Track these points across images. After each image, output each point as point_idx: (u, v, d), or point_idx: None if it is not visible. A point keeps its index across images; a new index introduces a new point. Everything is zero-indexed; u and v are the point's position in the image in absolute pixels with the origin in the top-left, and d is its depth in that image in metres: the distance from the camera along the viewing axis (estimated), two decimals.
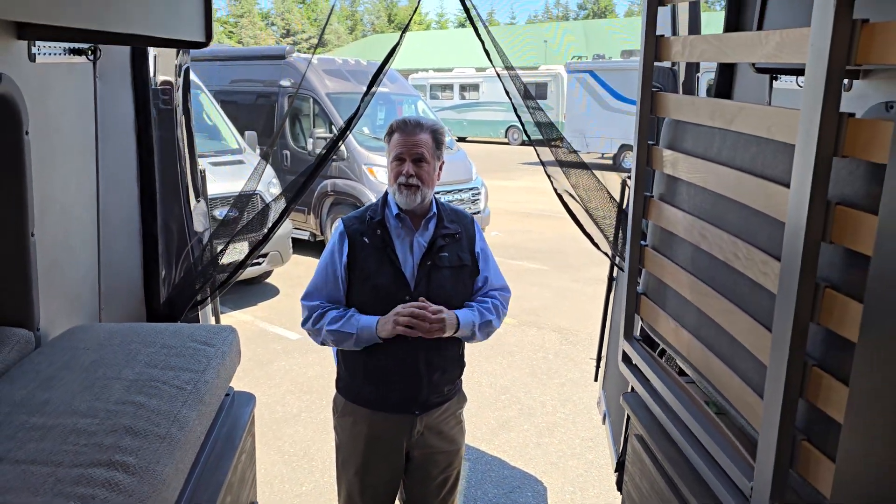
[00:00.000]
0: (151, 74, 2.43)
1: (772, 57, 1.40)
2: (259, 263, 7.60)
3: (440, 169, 2.51)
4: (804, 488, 1.36)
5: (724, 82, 2.51)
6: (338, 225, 2.53)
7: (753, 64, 2.29)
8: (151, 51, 2.42)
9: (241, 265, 2.72)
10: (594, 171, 2.77)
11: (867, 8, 1.14)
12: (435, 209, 2.52)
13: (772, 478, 1.32)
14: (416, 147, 2.41)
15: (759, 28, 2.21)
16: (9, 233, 1.73)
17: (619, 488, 2.83)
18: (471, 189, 10.26)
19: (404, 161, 2.41)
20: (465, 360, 2.69)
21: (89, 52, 2.04)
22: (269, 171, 8.29)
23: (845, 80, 1.99)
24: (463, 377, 2.71)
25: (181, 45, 1.69)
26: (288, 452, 4.55)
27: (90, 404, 1.46)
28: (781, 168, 1.38)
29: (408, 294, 2.42)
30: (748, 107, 1.50)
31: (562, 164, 2.71)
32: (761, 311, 1.46)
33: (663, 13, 2.73)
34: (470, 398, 5.40)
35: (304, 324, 2.51)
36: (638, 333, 2.29)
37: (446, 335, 2.40)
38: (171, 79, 2.57)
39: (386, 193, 2.54)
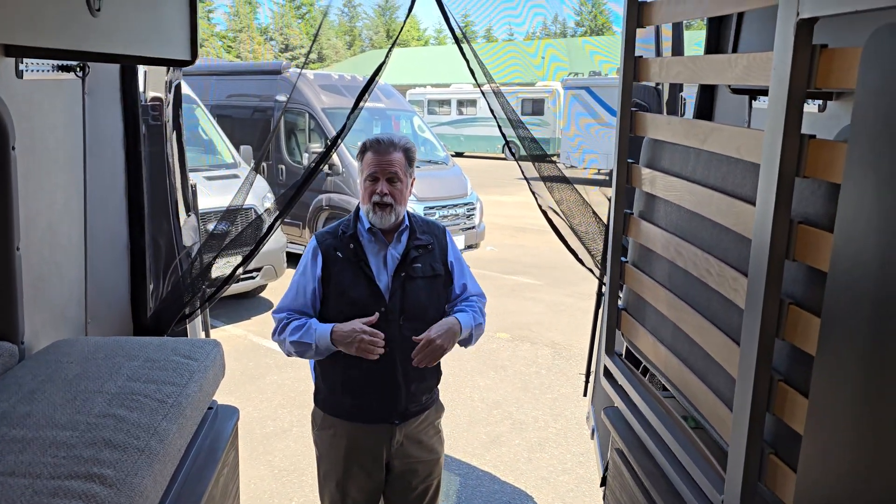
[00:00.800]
0: (141, 90, 2.47)
1: (741, 79, 1.43)
2: (253, 277, 7.61)
3: (411, 185, 2.55)
4: (774, 501, 1.38)
5: (706, 102, 2.55)
6: (312, 240, 2.56)
7: (729, 85, 2.34)
8: (141, 67, 2.46)
9: (229, 278, 2.75)
10: (582, 188, 2.80)
11: (826, 34, 1.18)
12: (407, 222, 2.57)
13: (741, 491, 1.34)
14: (389, 166, 2.44)
15: (734, 51, 2.25)
16: None
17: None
18: (466, 204, 10.30)
19: (378, 180, 2.45)
20: (447, 370, 2.72)
21: (78, 69, 2.07)
22: (264, 185, 8.32)
23: (819, 102, 2.04)
24: (450, 390, 2.74)
25: (167, 64, 1.73)
26: (278, 467, 4.55)
27: (71, 417, 1.48)
28: (749, 187, 1.41)
29: (383, 305, 2.45)
30: (719, 127, 1.53)
31: (545, 179, 2.75)
32: (732, 327, 1.48)
33: (648, 33, 2.78)
34: (461, 413, 5.38)
35: (273, 334, 2.55)
36: (623, 349, 2.32)
37: (449, 350, 2.42)
38: (162, 95, 2.61)
39: (358, 208, 2.58)
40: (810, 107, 2.16)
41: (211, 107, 9.68)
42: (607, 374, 2.19)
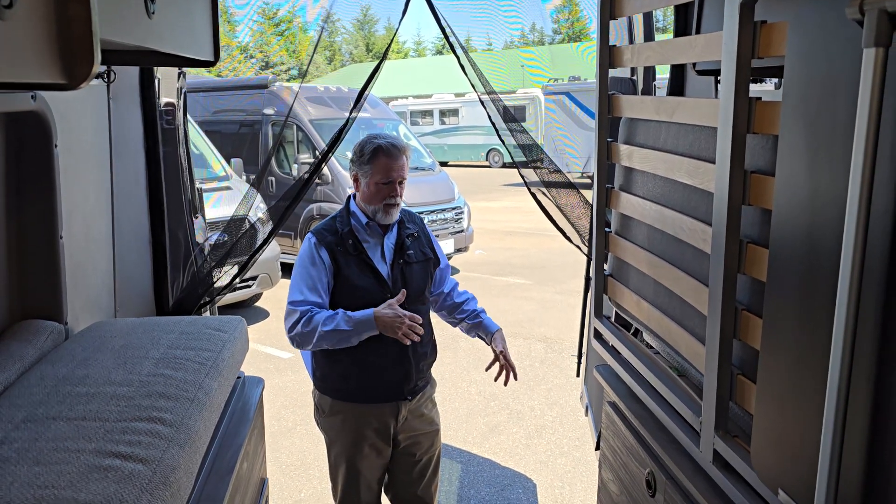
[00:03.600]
0: (157, 97, 2.67)
1: (700, 56, 1.66)
2: (249, 286, 7.77)
3: None
4: (742, 416, 1.59)
5: (676, 86, 2.79)
6: (309, 237, 2.68)
7: (695, 66, 2.57)
8: (156, 74, 2.66)
9: (235, 278, 2.96)
10: (577, 189, 3.02)
11: (764, 11, 1.40)
12: (399, 215, 2.77)
13: (715, 410, 1.55)
14: (402, 171, 2.66)
15: (698, 33, 2.49)
16: (41, 234, 1.94)
17: None
18: (454, 208, 10.50)
19: (393, 183, 2.64)
20: (443, 366, 2.94)
21: (104, 76, 2.26)
22: (257, 195, 8.51)
23: (776, 79, 2.27)
24: (448, 385, 2.95)
25: (191, 64, 1.91)
26: (285, 463, 4.71)
27: (125, 377, 1.67)
28: (712, 150, 1.63)
29: (388, 292, 2.64)
30: (684, 100, 1.76)
31: (546, 184, 2.97)
32: (703, 273, 1.70)
33: (621, 25, 3.00)
34: (460, 405, 5.55)
35: (292, 328, 2.59)
36: (612, 315, 2.53)
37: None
38: (174, 100, 2.81)
39: (348, 205, 2.74)
40: (768, 85, 2.40)
41: (198, 122, 9.85)
42: (597, 335, 2.40)
